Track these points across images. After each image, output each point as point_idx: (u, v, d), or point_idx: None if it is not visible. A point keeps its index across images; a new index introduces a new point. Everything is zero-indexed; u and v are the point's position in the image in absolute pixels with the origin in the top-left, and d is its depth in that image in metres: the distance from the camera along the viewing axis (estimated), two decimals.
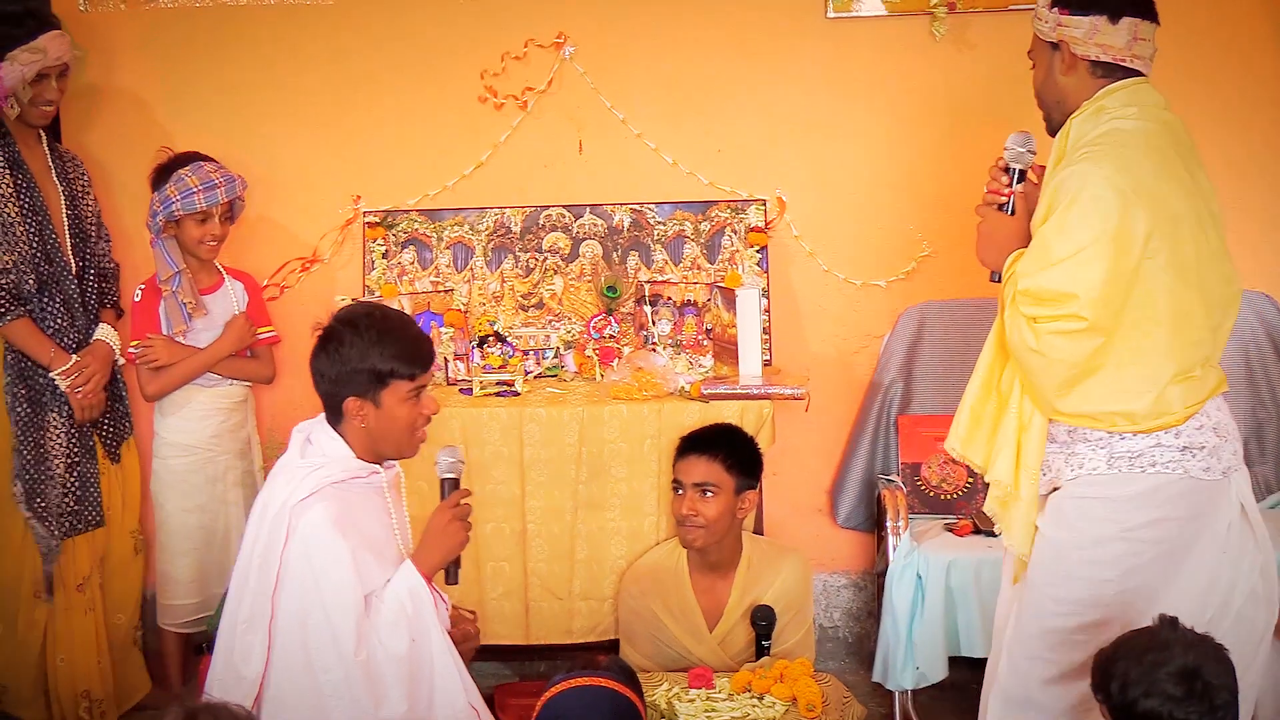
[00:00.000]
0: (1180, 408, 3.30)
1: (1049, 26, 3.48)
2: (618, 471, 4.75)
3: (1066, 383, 3.31)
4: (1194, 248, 3.32)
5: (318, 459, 3.52)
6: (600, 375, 5.13)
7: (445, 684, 3.47)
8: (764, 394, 4.78)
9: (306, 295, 5.47)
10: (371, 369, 3.49)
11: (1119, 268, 3.22)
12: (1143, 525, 3.35)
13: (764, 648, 4.46)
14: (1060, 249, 3.26)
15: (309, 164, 5.48)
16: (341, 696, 3.34)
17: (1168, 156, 3.35)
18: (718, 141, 5.43)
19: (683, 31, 5.40)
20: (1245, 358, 5.24)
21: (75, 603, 4.80)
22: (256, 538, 3.46)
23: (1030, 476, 3.43)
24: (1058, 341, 3.27)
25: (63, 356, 4.71)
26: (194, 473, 5.00)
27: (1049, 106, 3.56)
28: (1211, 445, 3.35)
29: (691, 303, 5.18)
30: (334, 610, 3.36)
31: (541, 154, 5.45)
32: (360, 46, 5.45)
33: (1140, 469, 3.34)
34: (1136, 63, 3.45)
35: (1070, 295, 3.23)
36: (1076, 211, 3.25)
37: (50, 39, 4.70)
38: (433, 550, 3.57)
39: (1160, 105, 3.45)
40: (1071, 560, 3.41)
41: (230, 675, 3.42)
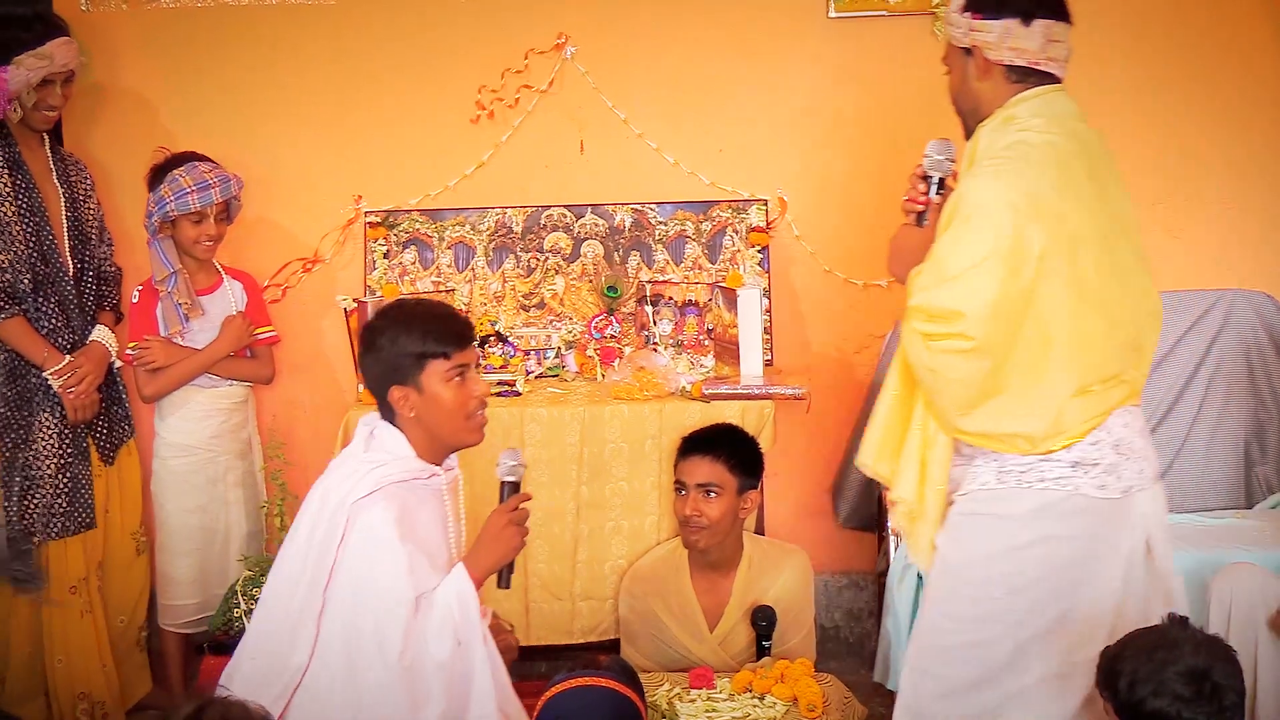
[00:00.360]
0: (1078, 424, 3.22)
1: (961, 31, 3.39)
2: (619, 472, 4.75)
3: (967, 403, 3.23)
4: (1095, 267, 3.21)
5: (381, 455, 3.50)
6: (601, 375, 5.14)
7: (480, 690, 3.45)
8: (765, 394, 4.78)
9: (308, 296, 5.47)
10: (405, 353, 3.48)
11: (1010, 288, 3.13)
12: (1030, 543, 3.27)
13: (765, 648, 4.47)
14: (953, 265, 3.18)
15: (310, 164, 5.48)
16: (380, 697, 3.33)
17: (1072, 171, 3.25)
18: (719, 141, 5.43)
19: (684, 31, 5.40)
20: (1246, 358, 5.24)
21: (70, 604, 4.79)
22: (314, 527, 3.44)
23: (936, 494, 3.36)
24: (950, 360, 3.19)
25: (56, 356, 4.70)
26: (194, 473, 4.99)
27: (965, 113, 3.47)
28: (1109, 462, 3.25)
29: (693, 303, 5.18)
30: (383, 612, 3.35)
31: (543, 154, 5.45)
32: (362, 46, 5.45)
33: (1027, 484, 3.26)
34: (1051, 65, 3.34)
35: (957, 314, 3.14)
36: (971, 227, 3.17)
37: (57, 45, 4.70)
38: (487, 554, 3.54)
39: (1071, 115, 3.36)
40: (961, 577, 3.34)
41: (275, 663, 3.40)
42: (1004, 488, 3.28)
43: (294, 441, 5.30)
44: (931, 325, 3.20)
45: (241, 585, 4.80)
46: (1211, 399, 5.26)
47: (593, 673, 3.04)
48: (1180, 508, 5.25)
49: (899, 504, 3.42)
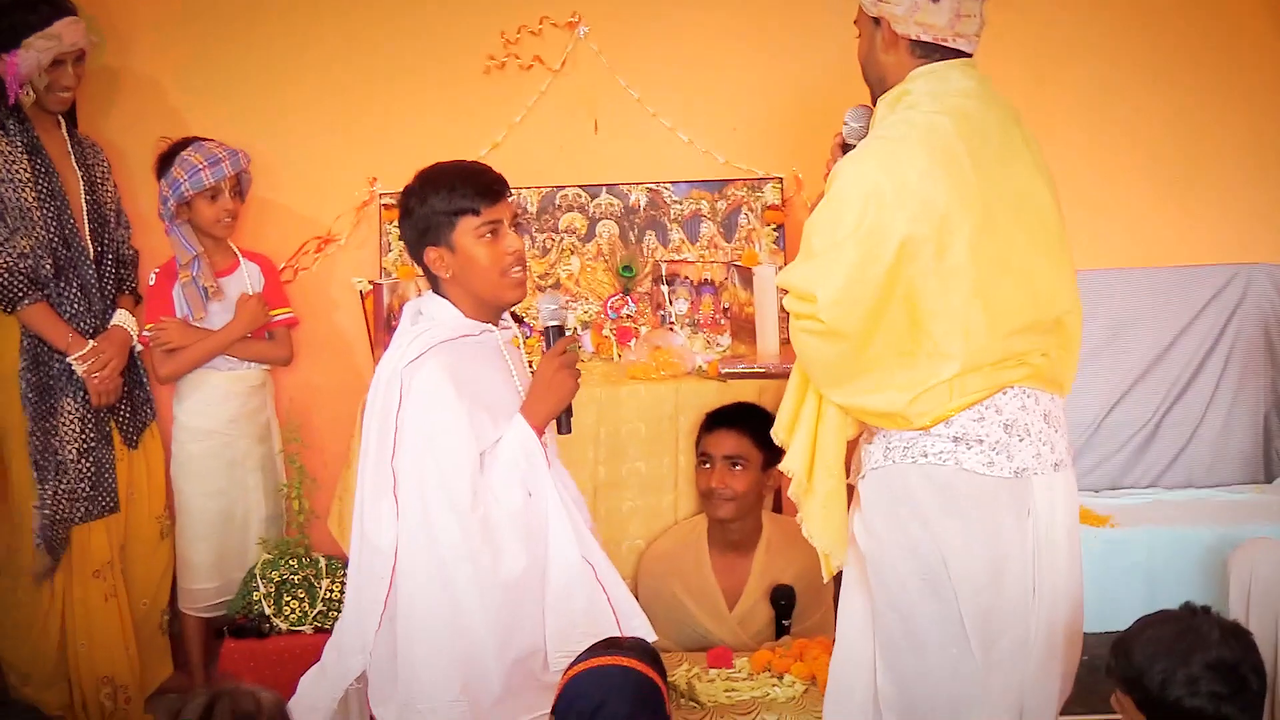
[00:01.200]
0: (958, 398, 3.12)
1: (870, 1, 3.27)
2: (636, 452, 4.74)
3: (832, 379, 3.18)
4: (971, 252, 3.08)
5: (426, 323, 3.46)
6: (618, 355, 5.13)
7: (559, 539, 3.44)
8: (782, 372, 4.76)
9: (324, 277, 5.47)
10: (434, 212, 3.43)
11: (865, 272, 3.05)
12: (924, 520, 3.18)
13: (784, 627, 4.47)
14: (815, 243, 3.13)
15: (325, 146, 5.47)
16: (461, 556, 3.30)
17: (950, 153, 3.11)
18: (733, 120, 5.42)
19: (697, 9, 5.39)
20: (1264, 332, 5.23)
21: (92, 589, 4.81)
22: (371, 403, 3.41)
23: (828, 471, 3.27)
24: (807, 340, 3.14)
25: (80, 341, 4.71)
26: (212, 457, 5.00)
27: (872, 82, 3.36)
28: (995, 440, 3.15)
29: (709, 282, 5.17)
30: (448, 468, 3.31)
31: (557, 134, 5.44)
32: (375, 27, 5.43)
33: (911, 459, 3.17)
34: (960, 41, 3.21)
35: (810, 295, 3.09)
36: (833, 208, 3.12)
37: (65, 25, 4.70)
38: (543, 400, 3.48)
39: (966, 93, 3.21)
40: (878, 562, 3.25)
41: (367, 551, 3.39)
42: (890, 464, 3.21)
43: (311, 424, 5.30)
44: (793, 303, 3.16)
45: (260, 568, 4.82)
46: (1229, 373, 5.25)
47: (614, 652, 3.02)
48: (1199, 482, 5.26)
49: (790, 476, 3.33)
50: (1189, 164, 5.40)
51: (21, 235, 4.62)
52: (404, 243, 3.57)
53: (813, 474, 3.29)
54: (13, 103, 4.68)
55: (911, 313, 3.11)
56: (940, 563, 3.17)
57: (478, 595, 3.32)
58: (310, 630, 4.76)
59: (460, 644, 3.33)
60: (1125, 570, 4.71)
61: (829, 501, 3.30)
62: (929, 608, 3.20)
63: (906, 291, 3.09)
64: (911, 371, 3.12)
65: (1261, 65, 5.30)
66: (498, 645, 3.36)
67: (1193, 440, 5.28)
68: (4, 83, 4.64)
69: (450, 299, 3.49)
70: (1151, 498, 5.16)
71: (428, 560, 3.33)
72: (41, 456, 4.69)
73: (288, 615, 4.76)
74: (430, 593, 3.33)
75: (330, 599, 4.79)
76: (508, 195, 3.52)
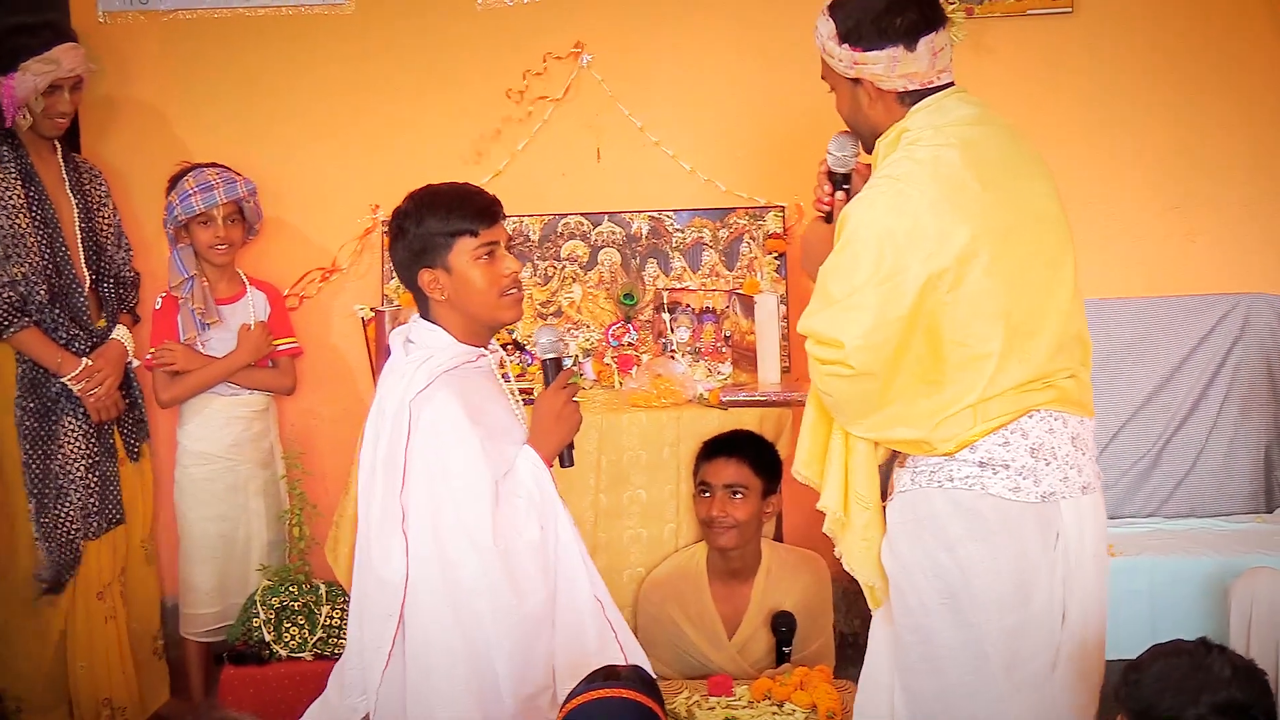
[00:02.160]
0: (968, 428, 3.13)
1: (845, 65, 3.24)
2: (637, 479, 4.74)
3: (858, 415, 3.19)
4: (989, 279, 3.10)
5: (422, 352, 3.41)
6: (619, 383, 5.13)
7: (572, 574, 3.42)
8: (783, 401, 4.77)
9: (326, 305, 5.49)
10: (430, 234, 3.39)
11: (889, 313, 3.07)
12: (950, 545, 3.19)
13: (784, 654, 4.46)
14: (835, 291, 3.12)
15: (328, 173, 5.49)
16: (481, 590, 3.27)
17: (960, 183, 3.12)
18: (736, 148, 5.43)
19: (699, 38, 5.41)
20: (1266, 362, 5.23)
21: (95, 610, 4.81)
22: (377, 437, 3.37)
23: (861, 503, 3.28)
24: (835, 383, 3.14)
25: (71, 361, 4.71)
26: (214, 481, 5.01)
27: (863, 134, 3.36)
28: (1022, 465, 3.14)
29: (710, 310, 5.17)
30: (465, 500, 3.28)
31: (559, 162, 5.46)
32: (378, 55, 5.46)
33: (938, 484, 3.19)
34: (943, 77, 3.23)
35: (836, 342, 3.09)
36: (848, 255, 3.11)
37: (64, 50, 4.72)
38: (552, 433, 3.49)
39: (964, 121, 3.22)
40: (901, 588, 3.26)
41: (373, 584, 3.35)
42: (916, 489, 3.22)
43: (312, 451, 5.31)
44: (816, 349, 3.15)
45: (260, 595, 4.81)
46: (1231, 403, 5.25)
47: (612, 683, 3.01)
48: (1200, 512, 5.25)
49: (828, 513, 3.34)
50: (1190, 194, 5.40)
51: (14, 263, 4.63)
52: (395, 264, 3.52)
53: (848, 507, 3.30)
54: (9, 125, 4.69)
55: (933, 342, 3.11)
56: (963, 586, 3.17)
57: (498, 630, 3.30)
58: (310, 657, 4.75)
59: (479, 681, 3.31)
60: (1126, 599, 4.69)
61: (867, 533, 3.30)
62: (949, 631, 3.20)
63: (929, 323, 3.10)
64: (936, 398, 3.13)
65: (1264, 97, 5.31)
66: (514, 681, 3.33)
67: (1194, 470, 5.28)
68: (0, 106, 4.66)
69: (441, 323, 3.46)
70: (1152, 527, 5.15)
71: (444, 597, 3.30)
72: (41, 484, 4.69)
73: (287, 642, 4.76)
74: (448, 630, 3.30)
75: (330, 626, 4.78)
76: (503, 216, 3.51)
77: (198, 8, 5.43)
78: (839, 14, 3.25)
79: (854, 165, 3.41)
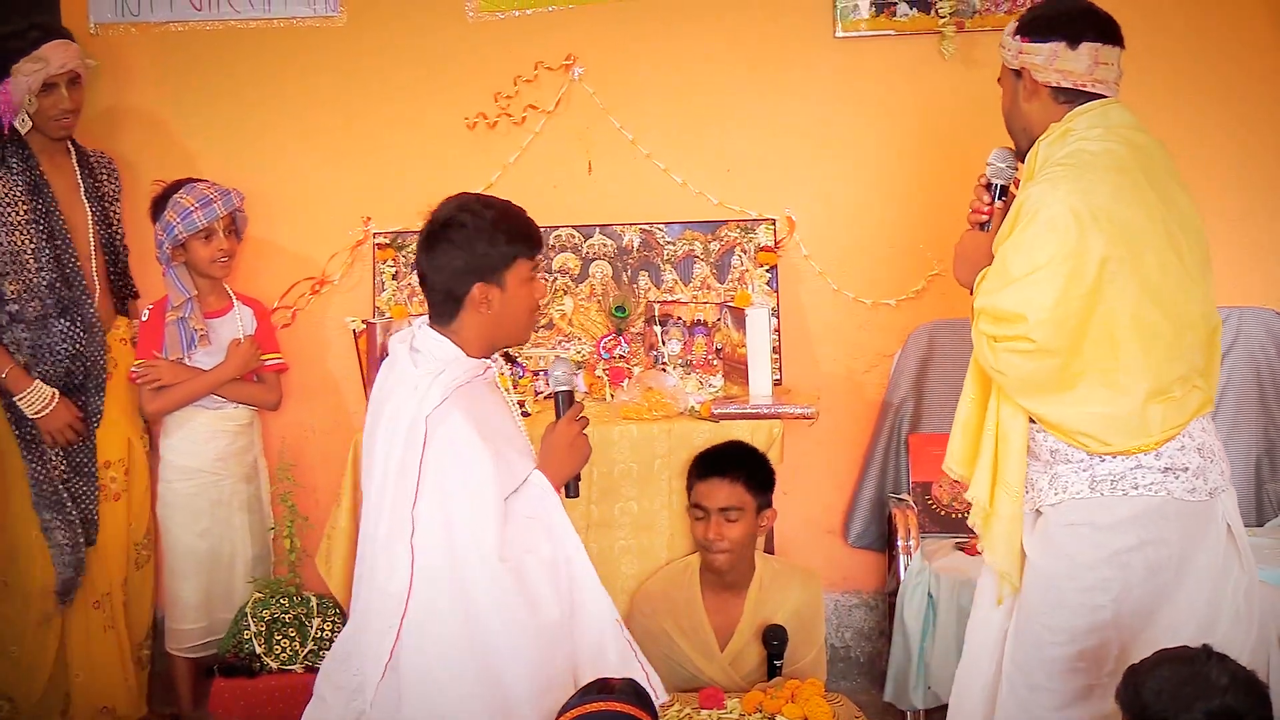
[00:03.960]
0: (1158, 431, 3.30)
1: (1012, 54, 3.52)
2: (628, 491, 4.74)
3: (1029, 395, 3.35)
4: (1160, 269, 3.30)
5: (435, 365, 3.43)
6: (610, 395, 5.13)
7: (591, 593, 3.46)
8: (774, 413, 4.77)
9: (316, 316, 5.49)
10: (498, 250, 3.44)
11: (1072, 290, 3.23)
12: (1131, 549, 3.34)
13: (776, 667, 4.46)
14: (1016, 269, 3.27)
15: (319, 185, 5.50)
16: (494, 605, 3.29)
17: (1132, 178, 3.34)
18: (727, 161, 5.43)
19: (691, 51, 5.41)
20: (1256, 375, 5.23)
21: (93, 619, 4.82)
22: (389, 451, 3.37)
23: (1009, 494, 3.43)
24: (1014, 360, 3.29)
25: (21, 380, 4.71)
26: (198, 496, 5.00)
27: (1016, 133, 3.59)
28: (1195, 466, 3.34)
29: (701, 322, 5.17)
30: (477, 517, 3.31)
31: (551, 174, 5.46)
32: (370, 67, 5.46)
33: (1123, 492, 3.33)
34: (1099, 87, 3.44)
35: (1020, 316, 3.24)
36: (1032, 232, 3.26)
37: (53, 48, 4.72)
38: (562, 464, 3.56)
39: (1129, 125, 3.44)
40: (1064, 589, 3.39)
41: (377, 596, 3.36)
42: (1098, 496, 3.35)
43: (302, 463, 5.31)
44: (996, 327, 3.30)
45: (251, 607, 4.81)
46: (1221, 416, 5.24)
47: (605, 697, 3.01)
48: None
49: (974, 505, 3.51)
50: None
51: (9, 279, 4.64)
52: (440, 268, 3.48)
53: (995, 499, 3.45)
54: (7, 131, 4.69)
55: (1109, 329, 3.27)
56: (1126, 591, 3.34)
57: (513, 644, 3.31)
58: (301, 669, 4.75)
59: (494, 694, 3.32)
60: None
61: (1012, 525, 3.46)
62: (1094, 635, 3.36)
63: (1105, 309, 3.26)
64: (1108, 389, 3.29)
65: (1257, 108, 5.30)
66: (534, 694, 3.34)
67: None
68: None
69: (463, 332, 3.49)
70: None
71: (456, 613, 3.31)
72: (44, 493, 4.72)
73: (278, 654, 4.75)
74: (459, 646, 3.31)
75: (321, 638, 4.78)
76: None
77: (189, 19, 5.44)
78: (1025, 14, 3.57)
79: (1013, 177, 3.58)
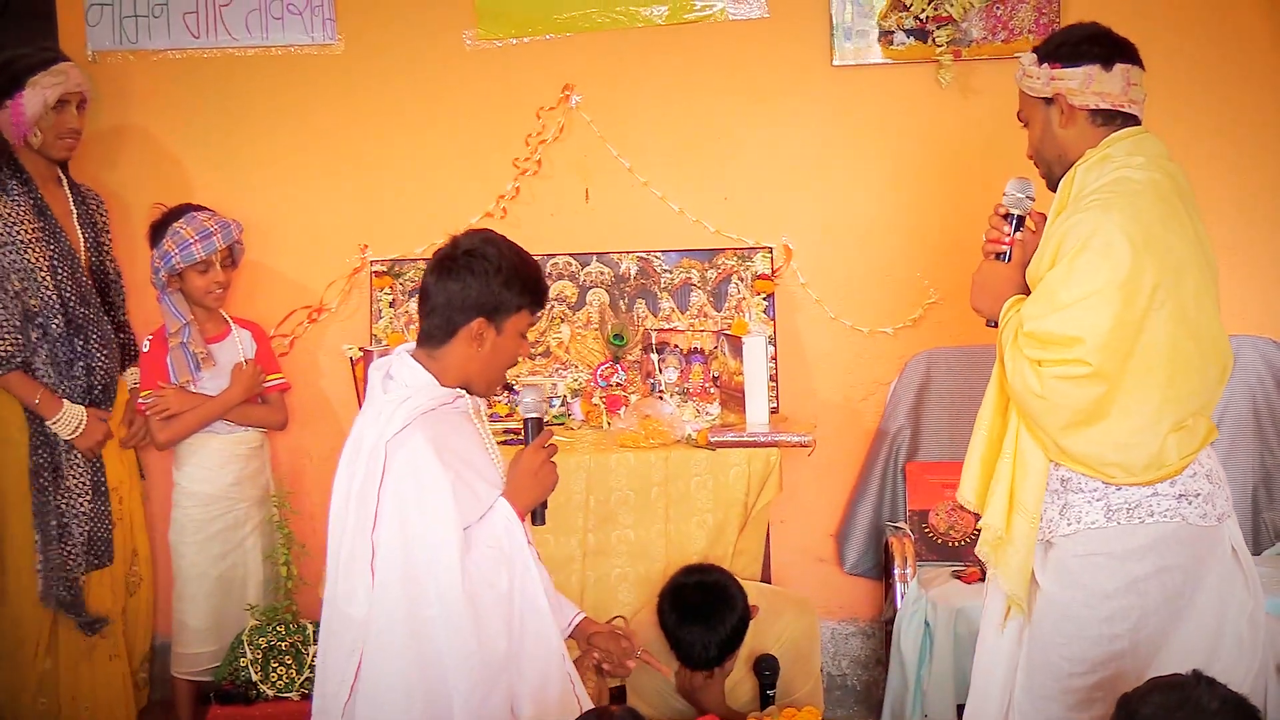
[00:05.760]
0: (1176, 459, 3.31)
1: (1041, 83, 3.49)
2: (625, 519, 4.74)
3: (1069, 426, 3.31)
4: (1196, 300, 3.32)
5: (403, 391, 3.41)
6: (607, 423, 5.13)
7: (540, 627, 3.44)
8: (771, 441, 4.78)
9: (314, 343, 5.50)
10: (510, 294, 3.43)
11: (1126, 316, 3.22)
12: (1148, 576, 3.34)
13: (769, 697, 4.45)
14: (1068, 294, 3.26)
15: (316, 213, 5.51)
16: (442, 632, 3.28)
17: (1174, 206, 3.34)
18: (724, 189, 5.45)
19: (688, 81, 5.42)
20: (1253, 404, 5.23)
21: (99, 649, 4.81)
22: (352, 475, 3.38)
23: (1027, 518, 3.42)
24: (1062, 386, 3.26)
25: (52, 404, 4.72)
26: (213, 521, 5.00)
27: (1049, 162, 3.55)
28: (1206, 492, 3.36)
29: (698, 350, 5.18)
30: (434, 544, 3.28)
31: (548, 202, 5.47)
32: (368, 95, 5.48)
33: (1139, 520, 3.34)
34: (1133, 107, 3.46)
35: (1076, 339, 3.23)
36: (1087, 258, 3.25)
37: (70, 66, 4.78)
38: (529, 491, 3.51)
39: (1163, 155, 3.45)
40: (1082, 619, 3.39)
41: (338, 619, 3.36)
42: (1114, 525, 3.35)
43: (301, 490, 5.31)
44: (1043, 352, 3.28)
45: (248, 634, 4.80)
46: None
47: None
48: None
49: (985, 531, 3.50)
50: None
51: (29, 295, 4.65)
52: (445, 293, 3.44)
53: (1011, 525, 3.45)
54: (21, 143, 4.71)
55: (1148, 358, 3.27)
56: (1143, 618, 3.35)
57: (456, 673, 3.30)
58: (297, 697, 4.74)
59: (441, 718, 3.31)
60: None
61: (1028, 550, 3.45)
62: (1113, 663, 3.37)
63: (1148, 339, 3.26)
64: (1139, 419, 3.29)
65: (1252, 133, 5.30)
66: None
67: None
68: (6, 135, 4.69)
69: (440, 362, 3.46)
70: None
71: (407, 637, 3.30)
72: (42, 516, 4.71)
73: (274, 681, 4.74)
74: (409, 669, 3.30)
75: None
76: None
77: (187, 47, 5.45)
78: (1041, 45, 3.55)
79: (1030, 208, 3.56)
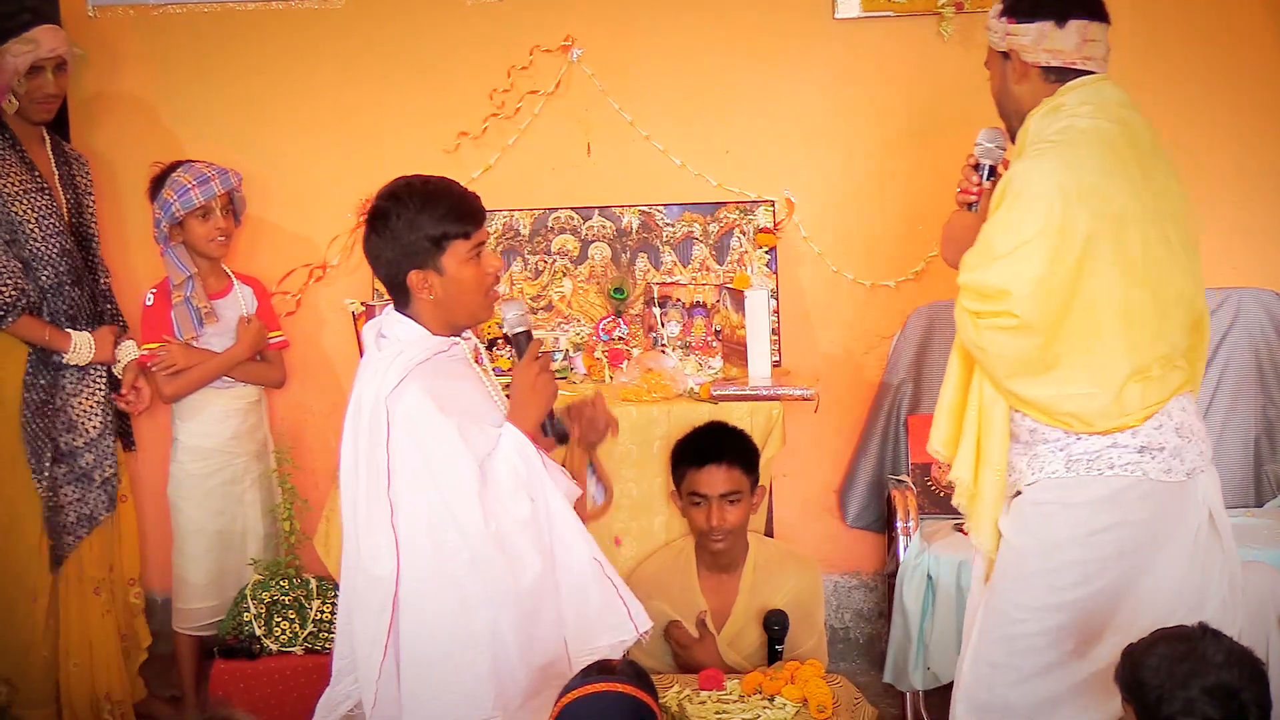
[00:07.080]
0: (1138, 408, 3.29)
1: (999, 36, 3.49)
2: (627, 473, 4.74)
3: (1013, 376, 3.32)
4: (1143, 247, 3.29)
5: (395, 346, 3.41)
6: (609, 377, 5.13)
7: (569, 539, 3.45)
8: (773, 395, 4.78)
9: (315, 298, 5.50)
10: (425, 235, 3.39)
11: (1056, 266, 3.22)
12: (1102, 529, 3.33)
13: (777, 652, 4.46)
14: (1000, 245, 3.26)
15: (316, 168, 5.49)
16: (476, 574, 3.29)
17: (1120, 155, 3.32)
18: (726, 143, 5.43)
19: (690, 33, 5.40)
20: (1255, 355, 5.23)
21: (91, 605, 4.82)
22: (356, 436, 3.38)
23: (993, 473, 3.42)
24: (997, 337, 3.27)
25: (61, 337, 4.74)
26: (212, 476, 5.01)
27: (1008, 115, 3.56)
28: (1173, 446, 3.33)
29: (700, 304, 5.17)
30: (450, 489, 3.29)
31: (550, 157, 5.46)
32: (367, 50, 5.46)
33: (1098, 471, 3.32)
34: (1089, 64, 3.43)
35: (1004, 292, 3.23)
36: (1018, 208, 3.25)
37: (43, 31, 4.73)
38: (530, 405, 3.51)
39: (1119, 103, 3.43)
40: (1031, 566, 3.39)
41: (363, 580, 3.36)
42: (1073, 475, 3.34)
43: (302, 445, 5.32)
44: (979, 303, 3.29)
45: (251, 589, 4.81)
46: (1220, 397, 5.25)
47: (606, 678, 3.02)
48: None
49: (957, 485, 3.51)
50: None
51: (19, 247, 4.64)
52: (375, 259, 3.49)
53: (979, 478, 3.45)
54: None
55: (1091, 308, 3.26)
56: (1099, 570, 3.34)
57: (498, 609, 3.32)
58: (301, 651, 4.75)
59: (485, 660, 3.32)
60: None
61: (996, 504, 3.46)
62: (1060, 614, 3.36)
63: (1088, 287, 3.25)
64: (1091, 369, 3.28)
65: (1252, 91, 5.30)
66: (523, 653, 3.36)
67: None
68: None
69: (418, 317, 3.47)
70: None
71: (442, 588, 3.31)
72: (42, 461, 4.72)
73: (278, 636, 4.75)
74: (450, 619, 3.32)
75: (320, 620, 4.78)
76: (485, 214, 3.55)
77: (188, 2, 5.43)
78: None
79: (1001, 157, 3.55)
